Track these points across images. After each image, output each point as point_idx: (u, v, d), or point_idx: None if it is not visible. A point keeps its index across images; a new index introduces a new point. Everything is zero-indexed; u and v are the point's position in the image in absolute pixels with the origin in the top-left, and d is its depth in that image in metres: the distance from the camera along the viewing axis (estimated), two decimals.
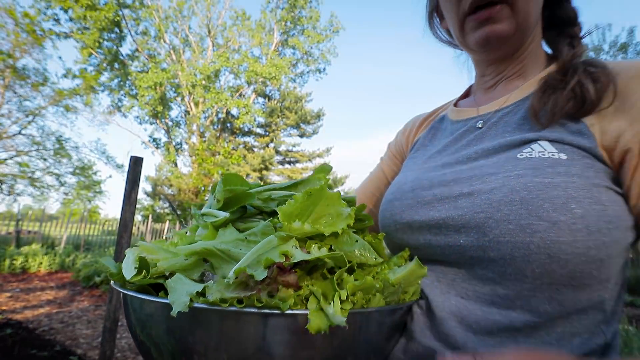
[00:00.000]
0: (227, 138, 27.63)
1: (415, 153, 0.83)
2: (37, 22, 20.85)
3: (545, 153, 0.56)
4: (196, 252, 0.51)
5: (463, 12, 0.66)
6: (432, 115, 0.90)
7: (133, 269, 0.50)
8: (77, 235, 12.71)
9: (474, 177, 0.60)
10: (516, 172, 0.55)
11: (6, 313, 5.30)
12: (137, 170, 2.92)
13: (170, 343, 0.48)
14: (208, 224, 0.56)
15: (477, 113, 0.73)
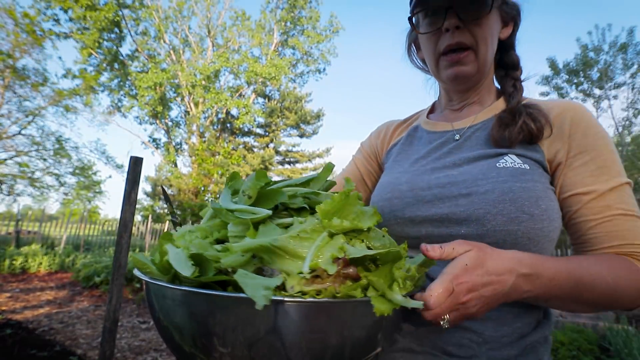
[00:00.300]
0: (227, 138, 27.63)
1: (397, 157, 0.99)
2: (36, 22, 20.84)
3: (515, 164, 0.78)
4: (253, 249, 0.52)
5: (439, 52, 0.87)
6: (404, 124, 1.09)
7: (190, 266, 0.51)
8: (76, 236, 12.71)
9: (467, 180, 0.78)
10: (501, 178, 0.76)
11: (6, 313, 5.30)
12: (137, 171, 2.92)
13: (249, 338, 0.49)
14: (247, 220, 0.58)
15: (452, 127, 0.93)
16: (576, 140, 0.77)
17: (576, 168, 0.77)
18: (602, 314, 6.13)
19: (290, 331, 0.49)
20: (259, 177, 0.66)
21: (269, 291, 0.45)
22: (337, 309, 0.50)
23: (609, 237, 0.72)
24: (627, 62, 20.03)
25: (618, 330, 4.35)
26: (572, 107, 0.81)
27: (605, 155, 0.76)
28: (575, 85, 22.02)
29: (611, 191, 0.73)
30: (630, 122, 21.07)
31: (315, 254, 0.51)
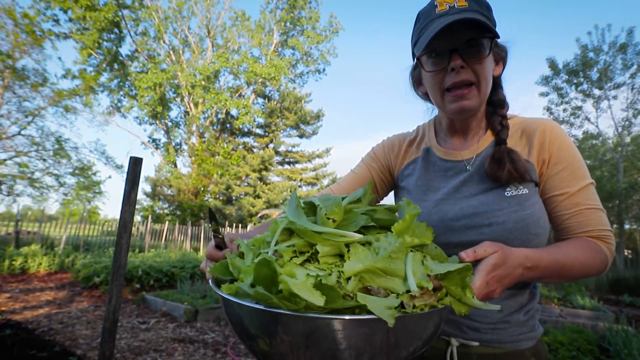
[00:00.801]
0: (227, 138, 27.62)
1: (419, 182, 1.13)
2: (36, 23, 20.82)
3: (519, 190, 0.97)
4: (361, 271, 0.61)
5: (444, 88, 0.99)
6: (414, 141, 1.22)
7: (319, 296, 0.55)
8: (76, 236, 12.69)
9: (487, 212, 0.97)
10: (512, 208, 0.95)
11: (6, 314, 5.30)
12: (137, 171, 2.92)
13: (375, 350, 0.58)
14: (339, 243, 0.66)
15: (461, 157, 1.09)
16: (554, 153, 0.99)
17: (553, 176, 0.99)
18: (601, 315, 6.14)
19: (408, 336, 0.61)
20: (336, 203, 0.74)
21: (392, 310, 0.55)
22: (438, 315, 0.63)
23: (580, 225, 0.96)
24: (626, 62, 20.03)
25: (617, 330, 4.36)
26: (550, 127, 1.01)
27: (575, 164, 0.98)
28: (575, 86, 22.03)
29: (579, 191, 0.97)
30: (630, 122, 21.07)
31: (414, 272, 0.61)
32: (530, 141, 1.02)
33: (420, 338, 0.63)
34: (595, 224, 0.96)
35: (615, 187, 19.49)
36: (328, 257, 0.66)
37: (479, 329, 1.02)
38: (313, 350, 0.58)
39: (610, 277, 11.11)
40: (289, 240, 0.72)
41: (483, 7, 0.96)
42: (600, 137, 23.13)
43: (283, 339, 0.59)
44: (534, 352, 1.05)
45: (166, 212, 26.12)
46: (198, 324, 5.35)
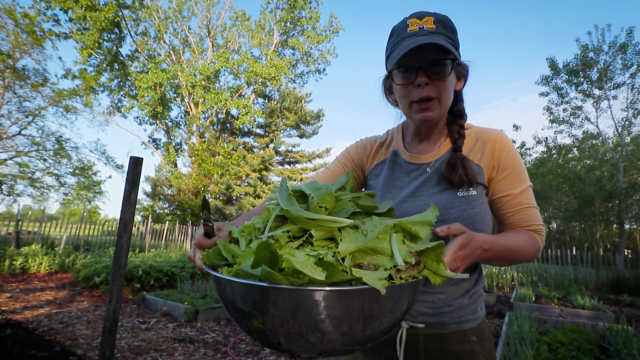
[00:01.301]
0: (227, 138, 27.62)
1: (387, 181, 1.28)
2: (37, 23, 20.81)
3: (469, 192, 1.13)
4: (354, 250, 0.70)
5: (411, 100, 1.12)
6: (384, 144, 1.36)
7: (321, 272, 0.62)
8: (76, 236, 12.68)
9: (441, 209, 1.09)
10: (462, 207, 1.12)
11: (6, 313, 5.30)
12: (137, 171, 2.92)
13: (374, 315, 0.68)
14: (331, 228, 0.74)
15: (422, 160, 1.24)
16: (501, 161, 1.15)
17: (500, 180, 1.15)
18: (601, 315, 6.14)
19: (394, 304, 0.70)
20: (328, 192, 0.82)
21: (382, 281, 0.64)
22: (418, 285, 0.75)
23: (521, 221, 1.14)
24: (626, 62, 20.02)
25: (618, 330, 4.36)
26: (499, 137, 1.17)
27: (518, 170, 1.15)
28: (575, 86, 22.03)
29: (521, 193, 1.14)
30: (630, 122, 21.06)
31: (399, 250, 0.71)
32: (482, 149, 1.17)
33: (404, 305, 0.74)
34: (532, 220, 1.14)
35: (615, 187, 19.49)
36: (321, 241, 0.74)
37: (427, 313, 1.16)
38: (310, 320, 0.64)
39: (611, 277, 11.12)
40: (282, 227, 0.78)
41: (449, 29, 1.08)
42: (600, 137, 23.12)
43: (276, 313, 0.65)
44: (476, 331, 1.19)
45: (166, 212, 26.13)
46: (198, 323, 5.36)
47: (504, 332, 4.58)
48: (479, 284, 1.24)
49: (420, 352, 1.17)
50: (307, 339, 0.66)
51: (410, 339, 1.16)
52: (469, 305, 1.19)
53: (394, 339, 1.16)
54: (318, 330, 0.65)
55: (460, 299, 1.18)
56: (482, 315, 1.23)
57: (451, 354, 1.16)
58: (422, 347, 1.17)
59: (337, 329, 0.66)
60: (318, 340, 0.67)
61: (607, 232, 26.83)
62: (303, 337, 0.66)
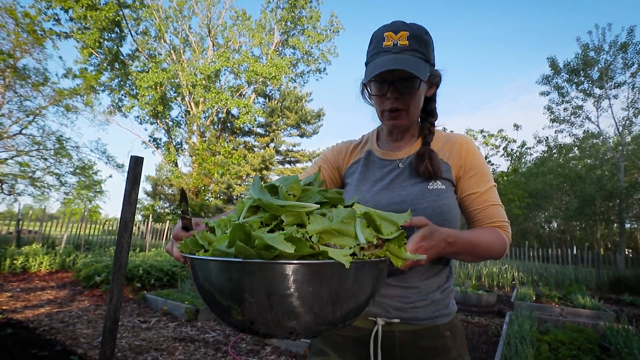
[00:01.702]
0: (228, 138, 27.62)
1: (361, 177, 1.36)
2: (37, 22, 20.84)
3: (438, 186, 1.22)
4: (321, 231, 0.76)
5: (382, 108, 1.24)
6: (358, 146, 1.46)
7: (290, 245, 0.67)
8: (77, 235, 12.69)
9: (412, 199, 1.20)
10: (432, 198, 1.19)
11: (7, 313, 5.30)
12: (138, 170, 2.92)
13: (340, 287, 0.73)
14: (300, 213, 0.80)
15: (395, 157, 1.34)
16: (467, 162, 1.25)
17: (467, 180, 1.25)
18: (602, 314, 6.14)
19: (360, 280, 0.76)
20: (295, 181, 0.91)
21: (348, 257, 0.70)
22: (383, 264, 0.82)
23: (487, 217, 1.21)
24: (627, 61, 20.01)
25: (618, 329, 4.36)
26: (465, 141, 1.29)
27: (482, 171, 1.25)
28: (575, 85, 22.01)
29: (486, 191, 1.23)
30: (631, 121, 21.05)
31: (362, 232, 0.79)
32: (450, 150, 1.28)
33: (369, 284, 0.79)
34: (497, 217, 1.21)
35: (615, 187, 19.49)
36: (291, 227, 0.78)
37: (401, 308, 1.21)
38: (280, 294, 0.68)
39: (611, 276, 11.11)
40: (255, 215, 0.85)
41: (422, 44, 1.18)
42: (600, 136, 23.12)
43: (249, 287, 0.69)
44: (449, 326, 1.25)
45: (167, 211, 26.13)
46: (199, 323, 5.36)
47: (504, 332, 4.58)
48: (450, 280, 1.31)
49: (396, 348, 1.21)
50: (277, 313, 0.70)
51: (385, 335, 1.21)
52: (441, 300, 1.25)
53: (369, 336, 1.21)
54: (287, 303, 0.69)
55: (432, 293, 1.23)
56: (454, 310, 1.30)
57: (426, 350, 1.20)
58: (398, 343, 1.20)
59: (305, 302, 0.70)
60: (287, 315, 0.71)
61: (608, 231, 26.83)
62: (274, 312, 0.70)
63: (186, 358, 4.03)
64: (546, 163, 29.15)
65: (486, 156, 30.01)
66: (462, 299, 7.17)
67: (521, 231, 31.64)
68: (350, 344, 1.25)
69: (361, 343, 1.23)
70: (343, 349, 1.26)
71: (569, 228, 30.07)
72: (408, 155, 1.32)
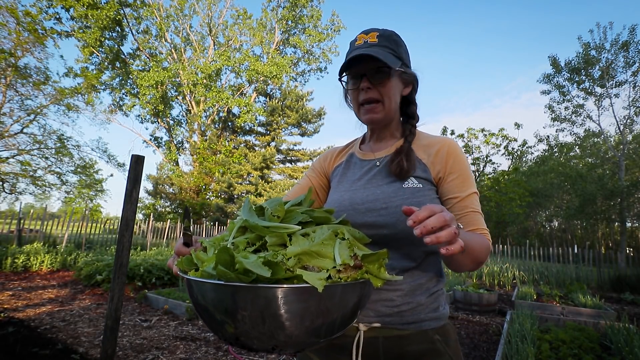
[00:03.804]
0: (229, 137, 27.63)
1: (341, 178, 1.38)
2: (38, 21, 20.86)
3: (414, 184, 1.19)
4: (299, 253, 0.77)
5: (359, 103, 1.25)
6: (343, 151, 1.48)
7: (267, 270, 0.70)
8: (78, 234, 12.71)
9: (385, 198, 1.19)
10: (405, 196, 1.17)
11: (8, 311, 5.31)
12: (139, 169, 2.92)
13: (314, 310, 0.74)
14: (283, 234, 0.83)
15: (374, 157, 1.34)
16: (449, 165, 1.21)
17: (448, 183, 1.20)
18: (603, 313, 6.13)
19: (336, 303, 0.76)
20: (275, 202, 0.94)
21: (322, 280, 0.71)
22: (361, 286, 0.81)
23: (468, 224, 1.14)
24: (628, 60, 19.97)
25: (619, 328, 4.35)
26: (447, 143, 1.25)
27: (465, 175, 1.20)
28: (576, 84, 21.97)
29: (467, 197, 1.18)
30: (632, 120, 21.01)
31: (340, 254, 0.79)
32: (431, 152, 1.25)
33: (347, 306, 0.80)
34: (478, 224, 1.16)
35: (617, 185, 19.47)
36: (275, 247, 0.82)
37: (385, 313, 1.17)
38: (259, 314, 0.72)
39: (612, 275, 11.10)
40: (242, 235, 0.89)
41: (392, 42, 1.23)
42: (602, 135, 23.08)
43: (229, 307, 0.74)
44: (440, 331, 1.20)
45: (168, 210, 26.16)
46: (200, 322, 5.36)
47: (505, 331, 4.58)
48: (440, 282, 1.26)
49: (380, 355, 1.16)
50: (257, 330, 0.74)
51: (368, 342, 1.17)
52: (429, 304, 1.19)
53: (352, 343, 1.17)
54: (266, 324, 0.73)
55: (419, 296, 1.19)
56: (445, 314, 1.24)
57: (413, 355, 1.15)
58: (381, 350, 1.17)
59: (282, 323, 0.73)
60: (267, 334, 0.74)
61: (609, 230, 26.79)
62: (256, 331, 0.74)
63: (187, 357, 4.04)
64: (547, 162, 29.12)
65: (487, 155, 30.01)
66: (463, 298, 7.17)
67: (522, 230, 31.64)
68: (334, 350, 1.21)
69: (345, 350, 1.19)
70: (327, 356, 1.23)
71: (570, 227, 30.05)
72: (386, 155, 1.31)
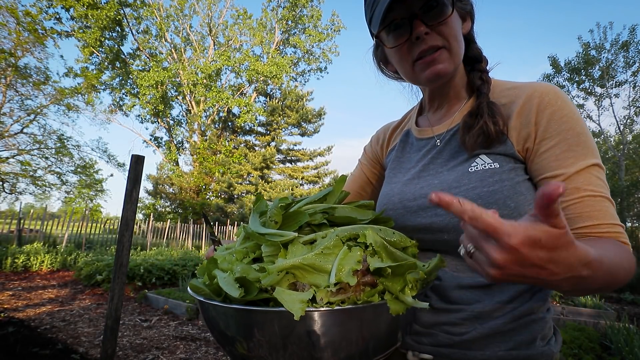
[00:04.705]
0: (229, 137, 27.62)
1: (393, 165, 1.06)
2: (38, 21, 20.85)
3: (486, 165, 0.81)
4: (286, 268, 0.61)
5: (412, 59, 0.88)
6: (399, 127, 1.15)
7: (237, 289, 0.60)
8: (78, 234, 12.71)
9: (443, 190, 0.83)
10: (471, 185, 0.81)
11: (8, 311, 5.31)
12: (139, 169, 2.92)
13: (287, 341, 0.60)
14: (277, 242, 0.67)
15: (433, 133, 0.98)
16: (541, 126, 0.79)
17: (542, 154, 0.79)
18: (603, 313, 6.13)
19: (321, 335, 0.59)
20: (281, 201, 0.76)
21: (303, 304, 0.55)
22: (358, 313, 0.60)
23: (581, 218, 0.73)
24: (628, 60, 19.95)
25: (619, 328, 4.35)
26: (538, 94, 0.81)
27: (571, 139, 0.77)
28: (576, 84, 21.96)
29: (578, 173, 0.75)
30: (632, 120, 21.01)
31: (338, 268, 0.60)
32: (509, 110, 0.84)
33: (343, 338, 0.60)
34: (601, 217, 0.72)
35: (617, 185, 19.46)
36: (273, 257, 0.67)
37: (442, 343, 0.84)
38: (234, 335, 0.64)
39: None
40: (244, 243, 0.78)
41: None
42: (602, 135, 23.07)
43: (210, 324, 0.69)
44: None
45: (168, 210, 26.15)
46: (200, 322, 5.36)
47: None
48: (536, 304, 0.82)
49: None
50: (233, 347, 0.67)
51: None
52: (513, 335, 0.80)
53: None
54: (234, 343, 0.66)
55: (498, 319, 0.80)
56: (549, 354, 0.81)
57: None
58: None
59: (250, 347, 0.63)
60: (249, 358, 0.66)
61: None
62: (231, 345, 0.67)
63: (187, 357, 4.04)
64: None
65: None
66: None
67: None
68: None
69: None
70: None
71: None
72: (449, 129, 0.94)
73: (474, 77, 0.94)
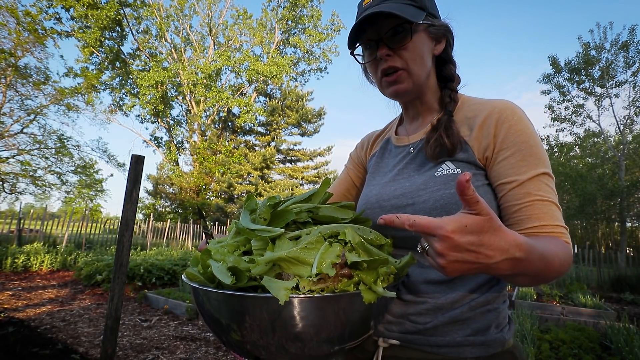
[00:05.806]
0: (229, 137, 27.63)
1: (373, 169, 1.16)
2: (38, 21, 20.86)
3: (450, 170, 0.92)
4: (273, 260, 0.69)
5: (379, 75, 1.01)
6: (380, 135, 1.26)
7: (229, 276, 0.68)
8: (78, 234, 12.71)
9: (412, 192, 0.95)
10: (436, 187, 0.91)
11: (8, 311, 5.31)
12: (139, 169, 2.92)
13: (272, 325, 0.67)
14: (266, 237, 0.75)
15: (408, 141, 1.09)
16: (499, 138, 0.90)
17: (499, 162, 0.89)
18: (603, 313, 6.13)
19: (303, 318, 0.66)
20: (270, 200, 0.83)
21: (287, 291, 0.62)
22: (335, 300, 0.67)
23: (531, 219, 0.83)
24: (628, 60, 19.97)
25: (619, 328, 4.35)
26: (497, 110, 0.92)
27: (525, 150, 0.87)
28: (576, 84, 21.97)
29: (530, 180, 0.85)
30: (632, 120, 21.02)
31: (320, 261, 0.67)
32: (473, 124, 0.95)
33: (322, 322, 0.68)
34: (548, 219, 0.83)
35: (617, 185, 19.45)
36: (262, 251, 0.75)
37: (408, 330, 0.93)
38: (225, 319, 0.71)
39: (612, 275, 11.10)
40: (235, 237, 0.85)
41: None
42: (602, 135, 23.07)
43: (202, 310, 0.76)
44: None
45: (168, 210, 26.16)
46: (200, 322, 5.37)
47: None
48: (491, 296, 0.93)
49: None
50: (228, 335, 0.73)
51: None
52: (471, 324, 0.89)
53: None
54: (229, 330, 0.72)
55: (455, 312, 0.90)
56: (502, 340, 0.90)
57: None
58: None
59: (242, 332, 0.70)
60: (238, 342, 0.73)
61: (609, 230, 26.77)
62: (223, 334, 0.74)
63: (187, 357, 4.04)
64: None
65: None
66: None
67: None
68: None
69: None
70: None
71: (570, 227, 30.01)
72: (422, 138, 1.04)
73: (445, 95, 1.04)
